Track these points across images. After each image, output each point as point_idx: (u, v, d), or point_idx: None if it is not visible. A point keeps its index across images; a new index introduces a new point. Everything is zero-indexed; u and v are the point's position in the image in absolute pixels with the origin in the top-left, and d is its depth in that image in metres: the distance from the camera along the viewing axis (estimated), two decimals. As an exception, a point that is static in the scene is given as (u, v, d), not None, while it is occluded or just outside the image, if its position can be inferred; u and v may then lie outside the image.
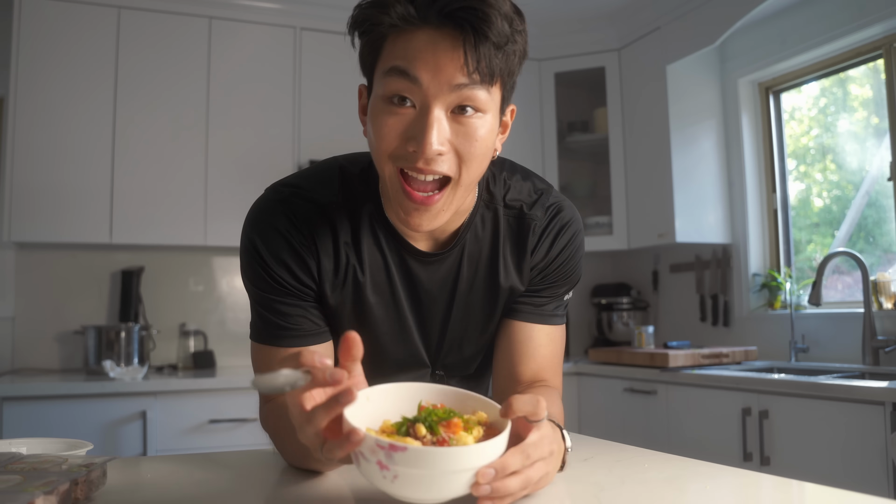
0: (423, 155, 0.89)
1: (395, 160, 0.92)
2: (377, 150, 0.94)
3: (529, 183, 1.13)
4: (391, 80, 0.90)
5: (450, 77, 0.88)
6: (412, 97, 0.90)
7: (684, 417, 2.77)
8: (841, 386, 2.19)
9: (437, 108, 0.89)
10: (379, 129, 0.92)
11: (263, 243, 1.01)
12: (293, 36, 3.37)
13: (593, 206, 3.91)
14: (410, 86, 0.89)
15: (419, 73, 0.88)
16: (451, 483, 0.70)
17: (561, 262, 1.12)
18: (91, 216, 3.02)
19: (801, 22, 3.12)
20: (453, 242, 1.07)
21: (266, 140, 3.28)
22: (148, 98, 3.12)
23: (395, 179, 0.93)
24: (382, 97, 0.92)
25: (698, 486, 0.88)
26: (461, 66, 0.88)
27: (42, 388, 2.61)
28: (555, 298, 1.15)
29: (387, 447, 0.68)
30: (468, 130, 0.91)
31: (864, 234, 3.04)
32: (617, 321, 3.80)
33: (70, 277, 3.29)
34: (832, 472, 2.19)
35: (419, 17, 0.88)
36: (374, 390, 0.80)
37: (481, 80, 0.89)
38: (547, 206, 1.11)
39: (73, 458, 0.82)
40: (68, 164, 3.00)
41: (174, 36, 3.19)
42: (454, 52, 0.87)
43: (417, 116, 0.90)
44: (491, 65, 0.89)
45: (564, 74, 3.83)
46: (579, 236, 1.14)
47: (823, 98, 3.32)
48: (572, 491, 0.84)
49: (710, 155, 3.47)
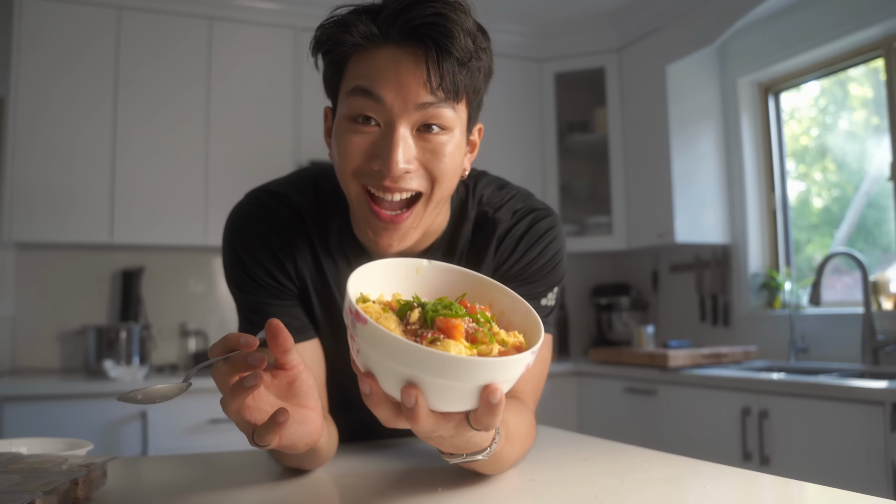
0: (389, 174, 0.88)
1: (359, 177, 0.91)
2: (341, 169, 0.93)
3: (504, 191, 1.11)
4: (355, 99, 0.89)
5: (414, 95, 0.87)
6: (376, 116, 0.89)
7: (684, 417, 2.77)
8: (841, 386, 2.19)
9: (402, 127, 0.88)
10: (343, 148, 0.91)
11: (242, 246, 1.02)
12: (293, 36, 3.37)
13: (593, 207, 3.91)
14: (374, 105, 0.88)
15: (382, 91, 0.87)
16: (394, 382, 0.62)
17: (528, 262, 1.06)
18: (91, 216, 3.02)
19: (800, 22, 3.11)
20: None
21: (266, 140, 3.28)
22: (149, 98, 3.12)
23: (362, 198, 0.92)
24: (347, 117, 0.91)
25: (698, 485, 0.87)
26: (424, 83, 0.87)
27: (42, 388, 2.61)
28: (530, 300, 1.05)
29: (353, 313, 0.61)
30: (435, 147, 0.90)
31: (864, 234, 3.04)
32: (616, 321, 3.80)
33: (71, 277, 3.29)
34: (832, 472, 2.19)
35: (381, 34, 0.87)
36: (429, 265, 0.75)
37: (445, 97, 0.88)
38: (515, 210, 1.08)
39: (74, 458, 0.82)
40: (69, 164, 3.00)
41: (174, 36, 3.19)
42: (417, 69, 0.86)
43: (382, 135, 0.89)
44: (455, 81, 0.88)
45: (564, 74, 3.84)
46: (551, 235, 1.07)
47: (823, 98, 3.32)
48: (572, 491, 0.83)
49: (709, 155, 3.47)
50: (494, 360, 0.60)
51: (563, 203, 3.84)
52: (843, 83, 3.20)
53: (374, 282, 0.71)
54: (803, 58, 3.15)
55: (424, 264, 0.75)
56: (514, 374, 0.63)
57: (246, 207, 1.05)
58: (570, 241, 3.71)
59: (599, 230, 3.72)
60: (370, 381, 0.64)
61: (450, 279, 0.76)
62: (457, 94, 0.89)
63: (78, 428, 2.61)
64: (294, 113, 3.35)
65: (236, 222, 1.04)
